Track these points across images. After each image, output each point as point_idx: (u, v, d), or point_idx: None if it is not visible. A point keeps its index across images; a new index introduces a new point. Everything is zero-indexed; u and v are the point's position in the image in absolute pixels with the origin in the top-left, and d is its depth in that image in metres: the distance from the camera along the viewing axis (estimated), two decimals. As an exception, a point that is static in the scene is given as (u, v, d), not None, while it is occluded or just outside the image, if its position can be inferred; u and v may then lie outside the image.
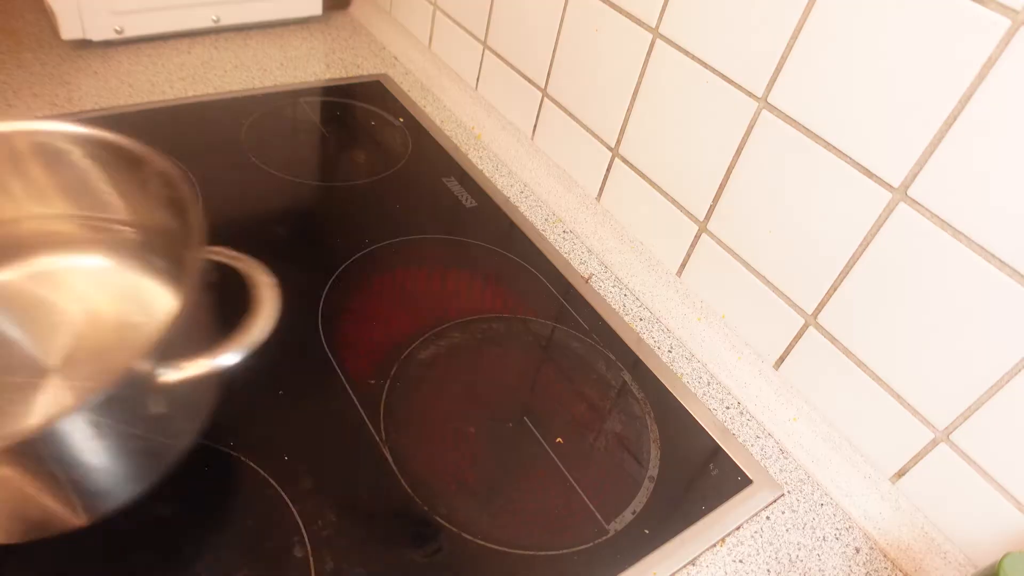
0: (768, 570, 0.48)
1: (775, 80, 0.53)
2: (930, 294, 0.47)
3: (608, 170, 0.72)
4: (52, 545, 0.41)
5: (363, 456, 0.49)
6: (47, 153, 0.43)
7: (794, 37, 0.51)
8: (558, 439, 0.52)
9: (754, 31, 0.53)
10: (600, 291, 0.68)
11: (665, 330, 0.65)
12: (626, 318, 0.65)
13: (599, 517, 0.48)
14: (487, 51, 0.83)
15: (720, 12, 0.55)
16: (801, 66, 0.51)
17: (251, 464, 0.46)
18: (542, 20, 0.73)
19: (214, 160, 0.71)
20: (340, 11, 1.02)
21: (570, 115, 0.74)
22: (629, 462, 0.52)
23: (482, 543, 0.46)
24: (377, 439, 0.50)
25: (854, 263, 0.51)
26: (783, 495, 0.53)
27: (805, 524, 0.51)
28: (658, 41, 0.62)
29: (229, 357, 0.37)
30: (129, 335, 0.45)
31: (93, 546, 0.41)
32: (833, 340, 0.55)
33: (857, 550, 0.50)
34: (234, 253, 0.41)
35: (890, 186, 0.48)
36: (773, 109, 0.54)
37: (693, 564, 0.47)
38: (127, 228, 0.46)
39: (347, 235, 0.67)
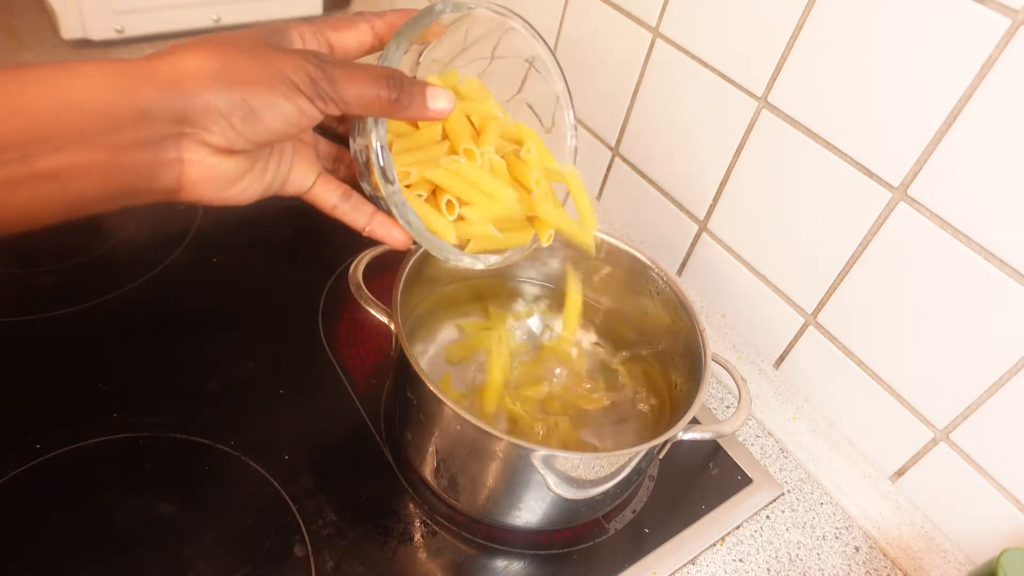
0: (768, 569, 0.48)
1: (775, 80, 0.53)
2: (930, 294, 0.47)
3: (608, 169, 0.72)
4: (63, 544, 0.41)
5: (363, 456, 0.49)
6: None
7: (794, 37, 0.51)
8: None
9: (754, 31, 0.53)
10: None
11: (665, 330, 0.65)
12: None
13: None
14: (487, 51, 0.83)
15: (720, 12, 0.55)
16: (801, 66, 0.51)
17: (251, 463, 0.46)
18: (542, 20, 0.73)
19: (214, 160, 0.71)
20: (340, 11, 1.02)
21: (570, 115, 0.74)
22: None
23: (483, 542, 0.46)
24: (377, 439, 0.50)
25: (854, 263, 0.51)
26: (783, 494, 0.53)
27: (805, 523, 0.51)
28: (658, 41, 0.62)
29: (723, 428, 0.46)
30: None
31: (95, 544, 0.41)
32: (833, 340, 0.55)
33: (857, 549, 0.50)
34: (724, 360, 0.50)
35: (890, 186, 0.48)
36: (773, 109, 0.54)
37: (693, 563, 0.47)
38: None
39: (348, 235, 0.67)
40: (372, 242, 0.41)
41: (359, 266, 0.48)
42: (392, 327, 0.44)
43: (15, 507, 0.42)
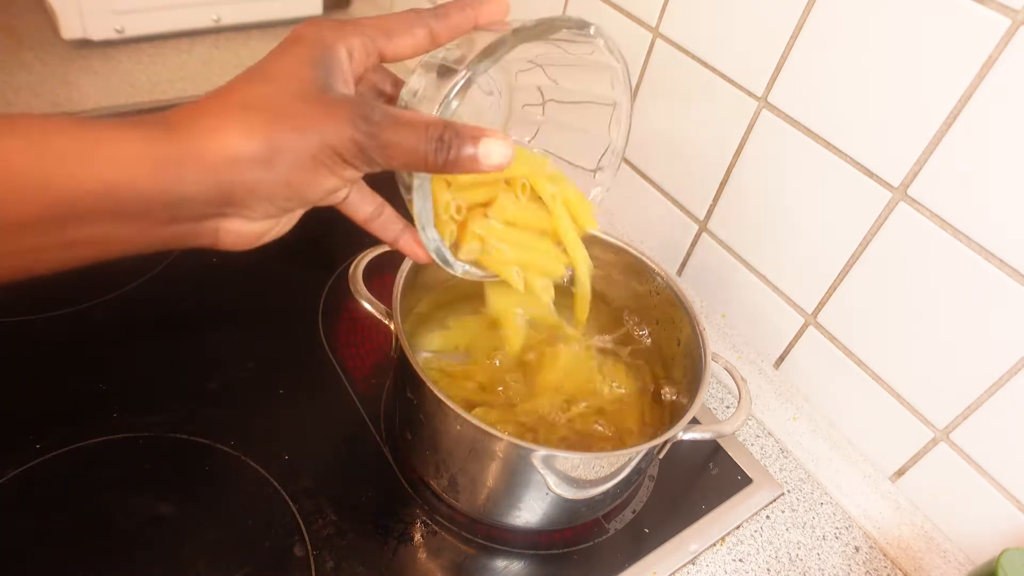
0: (768, 569, 0.48)
1: (775, 80, 0.53)
2: (930, 294, 0.47)
3: (608, 170, 0.72)
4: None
5: (363, 456, 0.49)
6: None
7: (794, 37, 0.51)
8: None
9: (754, 31, 0.53)
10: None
11: (665, 330, 0.65)
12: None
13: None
14: (487, 51, 0.83)
15: (720, 12, 0.55)
16: (801, 66, 0.51)
17: (251, 463, 0.46)
18: (542, 20, 0.73)
19: (214, 160, 0.71)
20: (340, 11, 1.02)
21: (570, 115, 0.74)
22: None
23: (483, 542, 0.46)
24: (377, 439, 0.50)
25: (854, 263, 0.51)
26: (783, 494, 0.53)
27: (805, 523, 0.51)
28: (658, 41, 0.62)
29: (723, 428, 0.46)
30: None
31: (95, 544, 0.41)
32: (833, 340, 0.55)
33: (857, 549, 0.50)
34: (724, 360, 0.50)
35: (890, 186, 0.48)
36: (773, 109, 0.54)
37: (693, 563, 0.47)
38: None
39: (348, 235, 0.67)
40: (372, 242, 0.41)
41: (359, 266, 0.48)
42: (392, 327, 0.44)
43: (15, 507, 0.42)
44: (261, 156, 0.27)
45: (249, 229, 0.31)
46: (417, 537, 0.45)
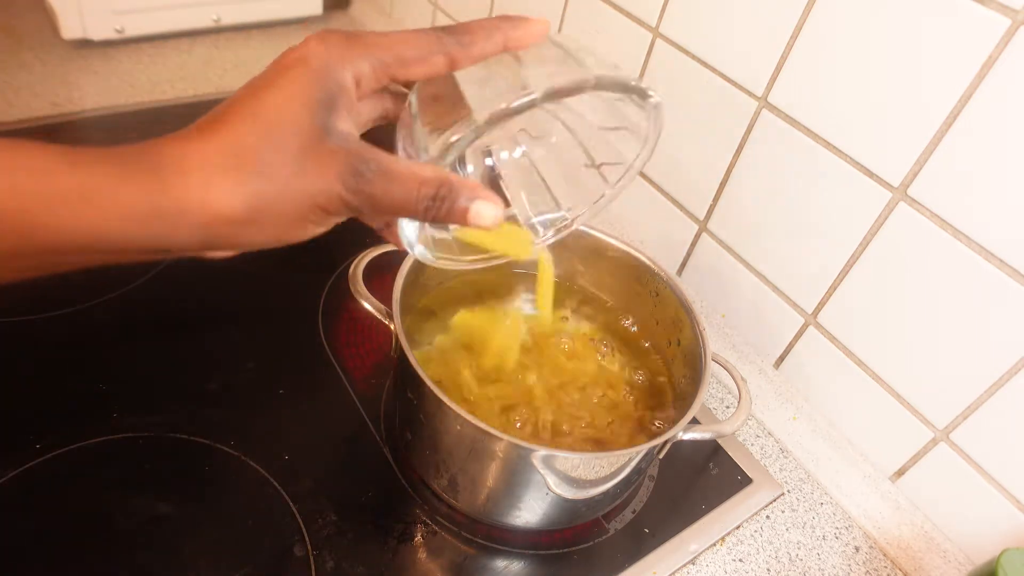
0: (768, 569, 0.48)
1: (775, 80, 0.53)
2: (930, 294, 0.47)
3: (608, 170, 0.72)
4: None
5: (363, 456, 0.49)
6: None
7: (794, 37, 0.51)
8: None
9: (754, 31, 0.53)
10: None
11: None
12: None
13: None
14: (487, 51, 0.83)
15: (720, 12, 0.55)
16: (801, 66, 0.51)
17: (251, 463, 0.46)
18: (542, 20, 0.73)
19: (214, 160, 0.71)
20: (340, 11, 1.02)
21: (570, 115, 0.74)
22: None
23: (483, 542, 0.46)
24: (377, 439, 0.50)
25: (854, 263, 0.51)
26: (783, 494, 0.53)
27: (805, 523, 0.51)
28: (658, 41, 0.62)
29: (723, 428, 0.46)
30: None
31: (95, 544, 0.41)
32: (833, 340, 0.55)
33: (857, 549, 0.50)
34: (724, 360, 0.50)
35: (890, 186, 0.48)
36: (773, 109, 0.54)
37: (693, 563, 0.47)
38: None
39: (348, 234, 0.67)
40: (372, 242, 0.41)
41: (359, 266, 0.48)
42: (392, 327, 0.44)
43: (15, 507, 0.42)
44: (247, 218, 0.28)
45: (234, 252, 0.32)
46: (417, 537, 0.45)
